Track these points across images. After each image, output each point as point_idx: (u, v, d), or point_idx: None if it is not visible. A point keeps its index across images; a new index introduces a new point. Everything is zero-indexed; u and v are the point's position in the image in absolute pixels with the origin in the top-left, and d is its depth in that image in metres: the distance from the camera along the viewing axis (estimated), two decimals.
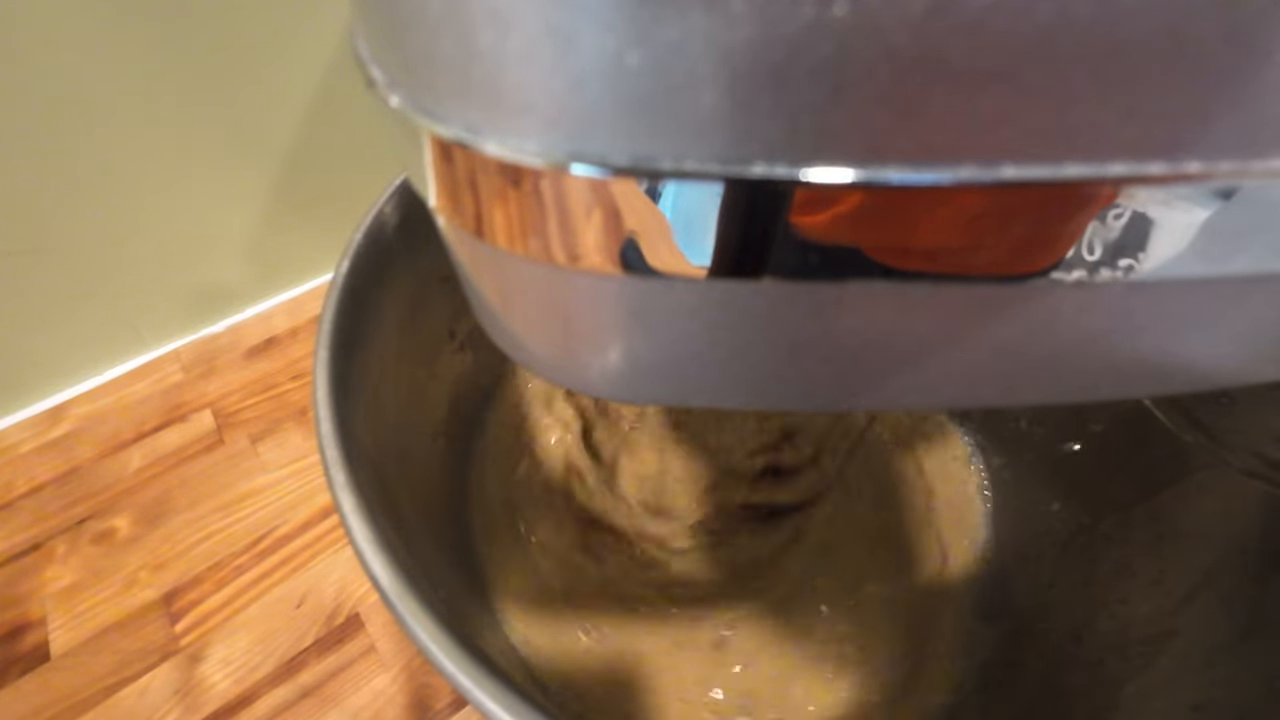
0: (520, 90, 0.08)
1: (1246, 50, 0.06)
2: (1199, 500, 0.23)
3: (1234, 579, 0.21)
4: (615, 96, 0.07)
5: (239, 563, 0.34)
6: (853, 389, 0.11)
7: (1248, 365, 0.10)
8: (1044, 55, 0.07)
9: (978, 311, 0.09)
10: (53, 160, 0.35)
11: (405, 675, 0.30)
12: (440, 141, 0.09)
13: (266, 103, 0.39)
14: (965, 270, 0.08)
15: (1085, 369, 0.10)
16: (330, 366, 0.20)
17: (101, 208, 0.37)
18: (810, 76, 0.07)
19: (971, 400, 0.11)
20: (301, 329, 0.46)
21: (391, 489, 0.21)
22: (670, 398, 0.12)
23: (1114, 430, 0.28)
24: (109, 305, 0.41)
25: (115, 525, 0.36)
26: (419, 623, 0.15)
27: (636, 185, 0.08)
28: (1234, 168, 0.07)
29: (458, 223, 0.10)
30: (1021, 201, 0.08)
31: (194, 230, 0.42)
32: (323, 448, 0.19)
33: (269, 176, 0.42)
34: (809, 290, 0.09)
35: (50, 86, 0.33)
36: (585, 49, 0.07)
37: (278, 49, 0.38)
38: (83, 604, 0.33)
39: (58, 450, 0.39)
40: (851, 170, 0.07)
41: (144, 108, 0.36)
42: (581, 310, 0.10)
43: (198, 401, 0.41)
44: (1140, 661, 0.22)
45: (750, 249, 0.08)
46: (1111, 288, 0.08)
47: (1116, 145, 0.07)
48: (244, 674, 0.31)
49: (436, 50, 0.08)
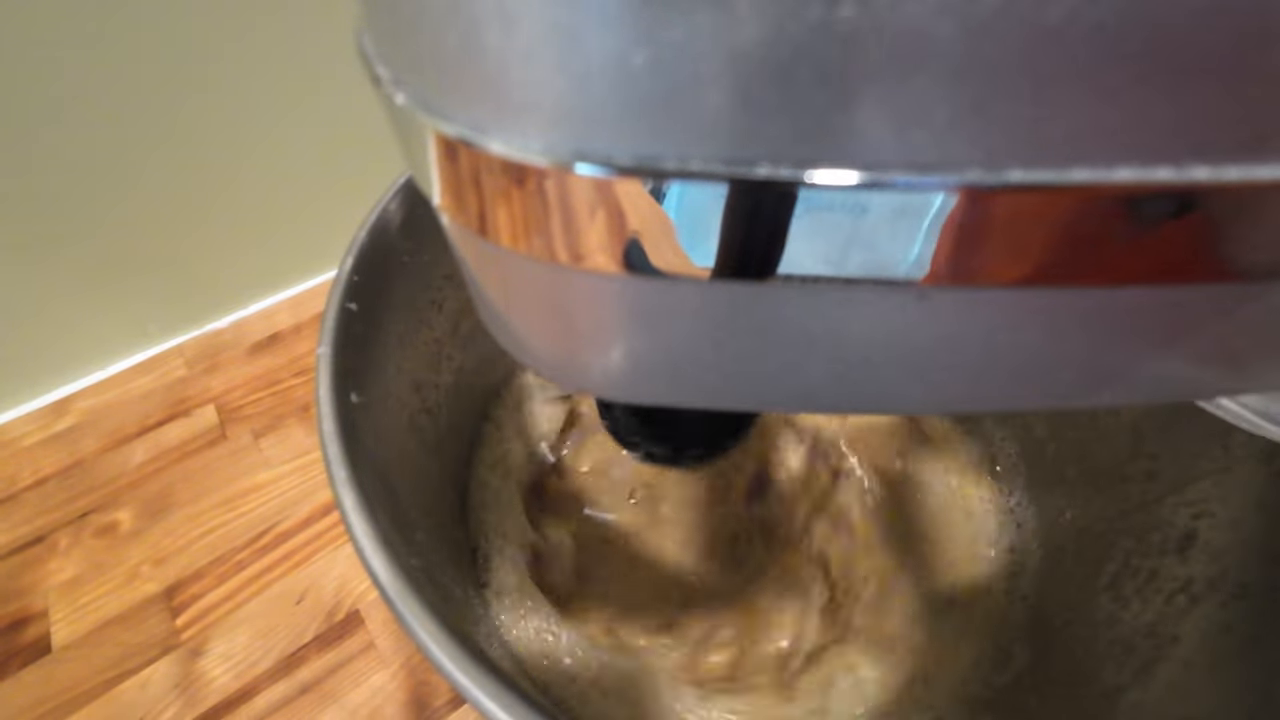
0: (525, 89, 0.08)
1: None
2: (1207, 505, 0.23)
3: (1237, 584, 0.21)
4: (620, 96, 0.07)
5: (240, 558, 0.34)
6: (854, 392, 0.11)
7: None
8: (1057, 59, 0.06)
9: (985, 314, 0.09)
10: (58, 155, 0.35)
11: (404, 672, 0.31)
12: (445, 139, 0.09)
13: (271, 98, 0.40)
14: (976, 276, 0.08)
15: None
16: (333, 363, 0.20)
17: (107, 203, 0.38)
18: (816, 78, 0.07)
19: (978, 404, 0.11)
20: (305, 325, 0.46)
21: (393, 486, 0.21)
22: (671, 398, 0.12)
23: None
24: (114, 300, 0.41)
25: (118, 519, 0.36)
26: (418, 620, 0.15)
27: (641, 185, 0.08)
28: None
29: (461, 221, 0.10)
30: (1038, 206, 0.08)
31: (199, 225, 0.42)
32: (324, 444, 0.19)
33: (273, 173, 0.43)
34: (812, 292, 0.09)
35: (55, 83, 0.33)
36: (590, 48, 0.07)
37: (283, 45, 0.38)
38: (84, 597, 0.33)
39: (62, 443, 0.39)
40: (856, 173, 0.07)
41: (148, 103, 0.36)
42: (584, 310, 0.10)
43: (201, 396, 0.42)
44: (1140, 669, 0.22)
45: (754, 250, 0.08)
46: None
47: (1125, 149, 0.07)
48: (244, 669, 0.31)
49: (441, 48, 0.08)
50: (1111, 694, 0.22)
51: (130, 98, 0.35)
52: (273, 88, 0.39)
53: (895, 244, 0.08)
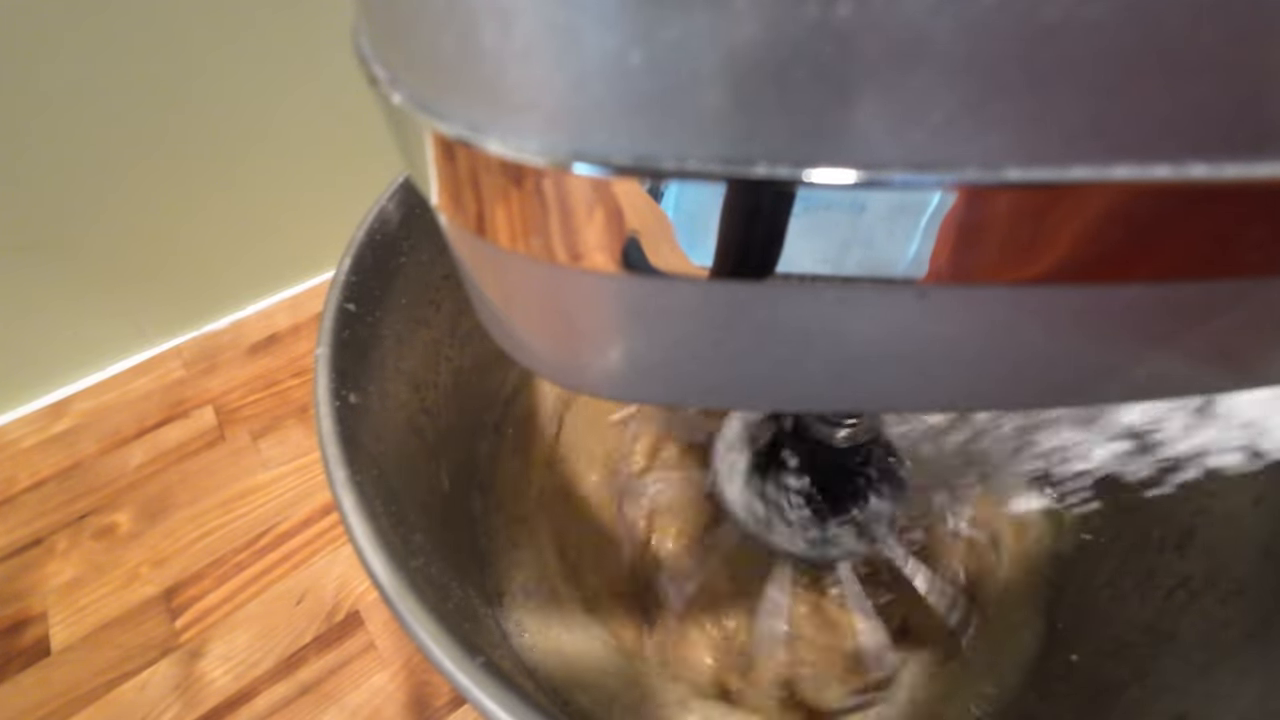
0: (522, 89, 0.08)
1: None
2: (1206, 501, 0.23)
3: (1234, 581, 0.21)
4: (618, 96, 0.07)
5: (239, 559, 0.34)
6: (853, 391, 0.11)
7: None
8: (1053, 57, 0.06)
9: (983, 312, 0.09)
10: (55, 157, 0.35)
11: (404, 673, 0.31)
12: (442, 139, 0.09)
13: (270, 99, 0.40)
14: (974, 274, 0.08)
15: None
16: (332, 363, 0.20)
17: (105, 204, 0.37)
18: (814, 77, 0.07)
19: (978, 402, 0.11)
20: (303, 326, 0.46)
21: (392, 487, 0.21)
22: (670, 398, 0.12)
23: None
24: (112, 301, 0.41)
25: (116, 521, 0.36)
26: (418, 621, 0.15)
27: (639, 185, 0.08)
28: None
29: (460, 221, 0.10)
30: (1036, 204, 0.08)
31: (196, 226, 0.42)
32: (323, 445, 0.19)
33: (271, 173, 0.43)
34: (810, 291, 0.09)
35: (52, 85, 0.33)
36: (588, 48, 0.07)
37: (280, 45, 0.38)
38: (83, 599, 0.33)
39: (60, 445, 0.39)
40: (854, 172, 0.07)
41: (146, 104, 0.36)
42: (583, 310, 0.10)
43: (199, 398, 0.42)
44: (1139, 665, 0.22)
45: (753, 249, 0.08)
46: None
47: (1123, 146, 0.07)
48: (243, 670, 0.31)
49: (439, 48, 0.08)
50: (1111, 690, 0.22)
51: (129, 99, 0.35)
52: (272, 88, 0.39)
53: (893, 243, 0.08)
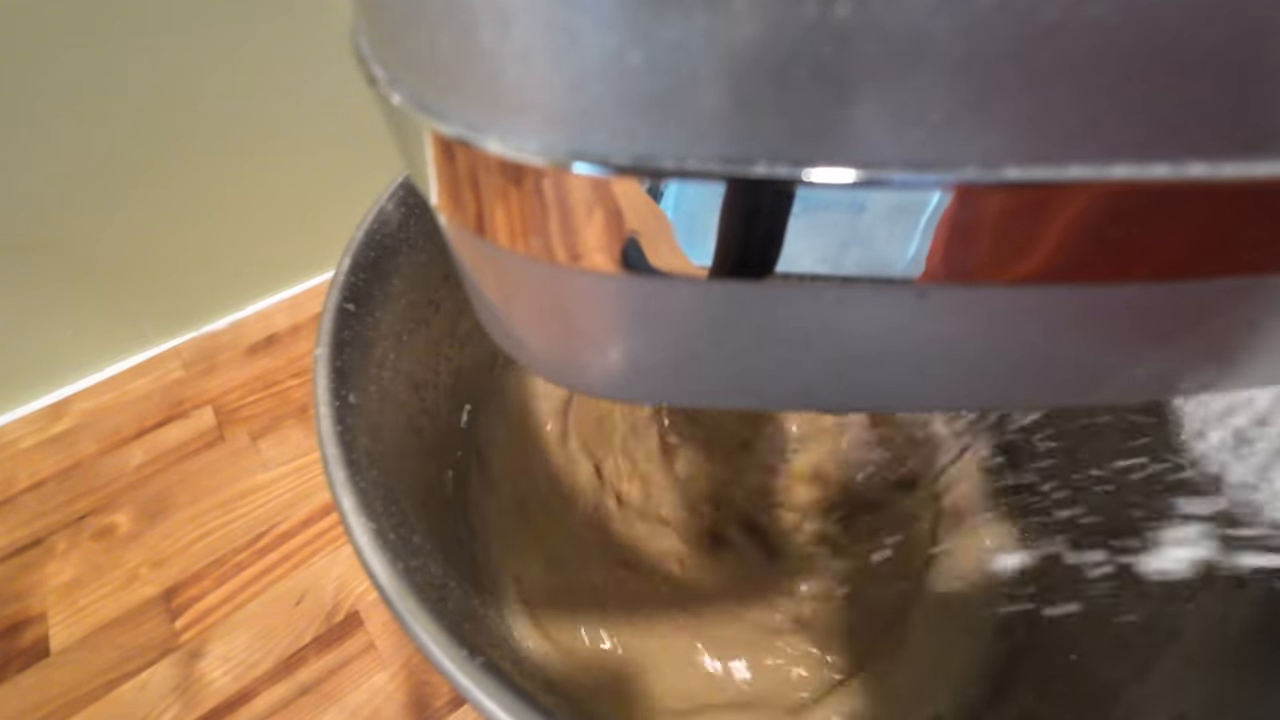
0: (521, 88, 0.08)
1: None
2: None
3: (1234, 577, 0.21)
4: (617, 95, 0.07)
5: (239, 559, 0.34)
6: (852, 390, 0.11)
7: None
8: (1053, 56, 0.06)
9: (982, 312, 0.09)
10: (54, 158, 0.35)
11: (404, 673, 0.31)
12: (442, 139, 0.09)
13: (269, 99, 0.39)
14: (973, 274, 0.08)
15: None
16: (331, 364, 0.20)
17: (105, 205, 0.37)
18: (813, 76, 0.07)
19: (977, 401, 0.11)
20: (303, 326, 0.46)
21: (391, 487, 0.21)
22: (670, 398, 0.12)
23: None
24: (111, 301, 0.41)
25: (116, 521, 0.36)
26: (418, 621, 0.15)
27: (638, 184, 0.08)
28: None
29: (459, 221, 0.10)
30: (1035, 203, 0.08)
31: (195, 227, 0.42)
32: (323, 445, 0.19)
33: (271, 173, 0.42)
34: (810, 291, 0.09)
35: (52, 85, 0.33)
36: (587, 47, 0.07)
37: (279, 46, 0.38)
38: (83, 600, 0.33)
39: (59, 446, 0.39)
40: (853, 172, 0.07)
41: (145, 104, 0.36)
42: (582, 309, 0.10)
43: (199, 398, 0.42)
44: (1139, 663, 0.22)
45: (752, 249, 0.08)
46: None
47: (1122, 146, 0.07)
48: (243, 670, 0.31)
49: (438, 48, 0.08)
50: (1111, 689, 0.22)
51: (128, 99, 0.35)
52: (271, 88, 0.39)
53: (892, 242, 0.08)
